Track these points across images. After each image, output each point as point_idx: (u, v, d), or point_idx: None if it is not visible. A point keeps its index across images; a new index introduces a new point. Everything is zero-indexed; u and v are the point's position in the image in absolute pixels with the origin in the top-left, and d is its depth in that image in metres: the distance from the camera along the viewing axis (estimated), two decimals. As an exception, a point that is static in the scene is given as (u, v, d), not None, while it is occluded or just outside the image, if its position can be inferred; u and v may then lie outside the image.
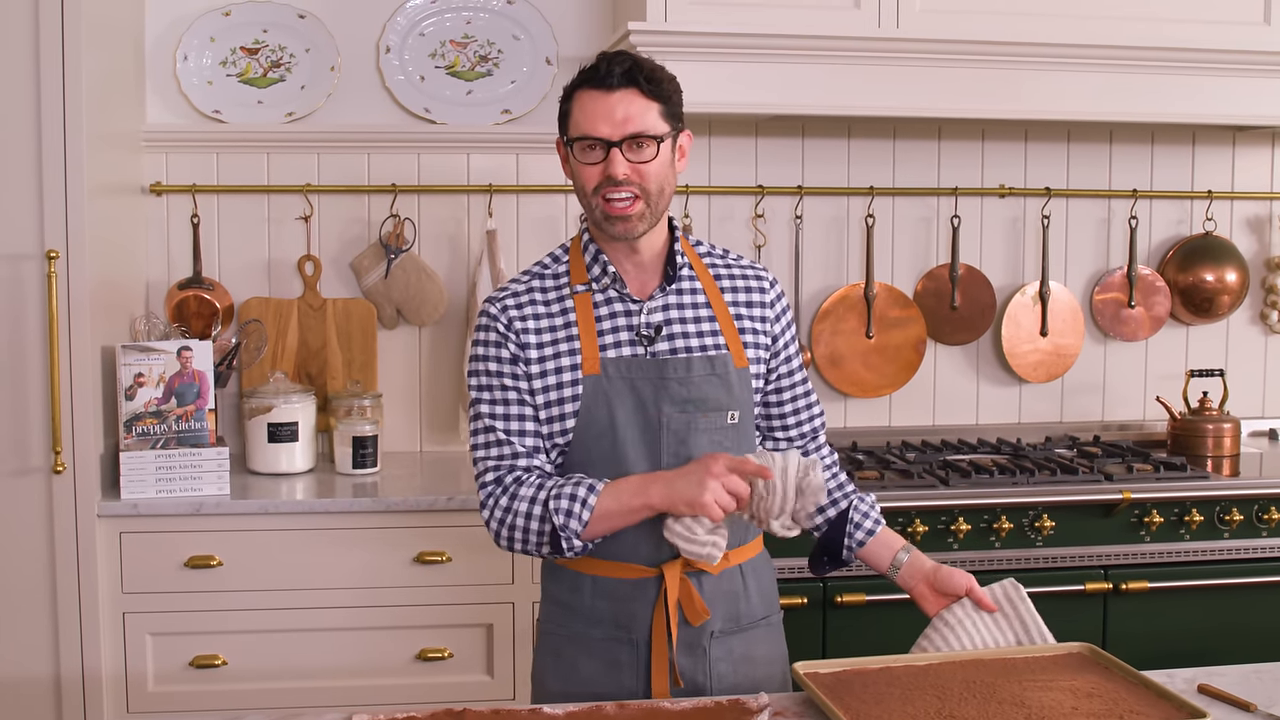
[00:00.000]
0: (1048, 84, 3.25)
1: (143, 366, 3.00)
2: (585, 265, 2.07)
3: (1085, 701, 1.79)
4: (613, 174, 1.96)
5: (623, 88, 1.96)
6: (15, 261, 2.84)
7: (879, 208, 3.71)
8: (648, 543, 2.01)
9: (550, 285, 2.07)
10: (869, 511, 2.20)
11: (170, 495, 2.97)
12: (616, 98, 1.96)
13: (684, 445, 2.02)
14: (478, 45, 3.54)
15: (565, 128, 2.03)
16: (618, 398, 2.00)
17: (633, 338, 2.04)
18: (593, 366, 2.01)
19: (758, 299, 2.14)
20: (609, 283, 2.05)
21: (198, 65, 3.44)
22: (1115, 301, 3.85)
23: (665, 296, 2.07)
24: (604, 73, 1.97)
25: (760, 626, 2.14)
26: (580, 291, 2.06)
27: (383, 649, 3.00)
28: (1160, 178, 3.86)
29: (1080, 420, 3.87)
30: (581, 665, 2.07)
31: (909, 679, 1.86)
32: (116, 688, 2.95)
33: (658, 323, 2.05)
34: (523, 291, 2.07)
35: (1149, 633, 3.16)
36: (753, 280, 2.15)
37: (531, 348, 2.03)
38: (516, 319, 2.04)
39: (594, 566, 2.04)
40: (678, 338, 2.05)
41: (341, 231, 3.54)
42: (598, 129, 1.96)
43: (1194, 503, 3.17)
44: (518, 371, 2.03)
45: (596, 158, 1.97)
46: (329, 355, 3.50)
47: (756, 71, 3.14)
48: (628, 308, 2.05)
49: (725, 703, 1.83)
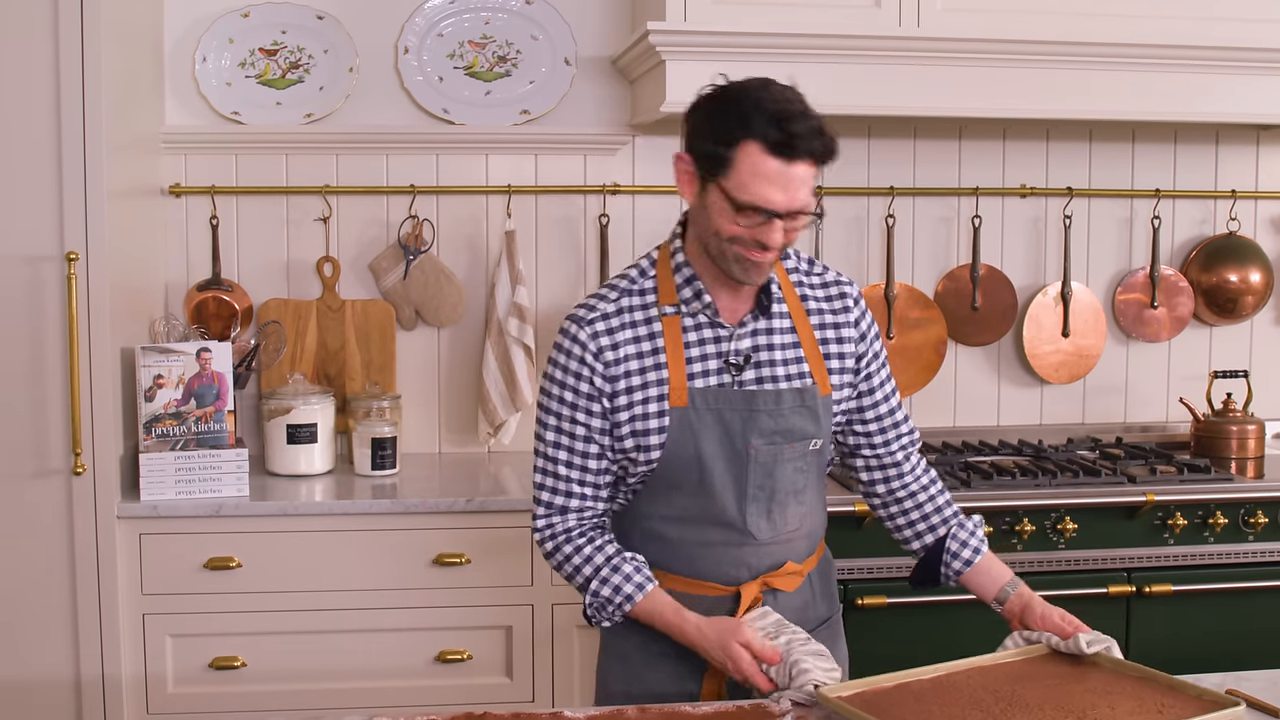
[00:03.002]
0: (1069, 83, 3.23)
1: (162, 368, 3.00)
2: (675, 286, 1.99)
3: (1111, 699, 1.79)
4: (767, 243, 1.86)
5: (803, 160, 1.82)
6: (35, 263, 2.85)
7: (899, 208, 3.69)
8: (725, 563, 2.01)
9: (638, 304, 2.00)
10: (968, 540, 2.15)
11: (189, 497, 2.97)
12: (795, 171, 1.82)
13: (770, 476, 2.00)
14: (496, 46, 3.54)
15: (718, 171, 1.84)
16: (705, 430, 1.97)
17: (720, 365, 1.99)
18: (680, 398, 1.96)
19: (843, 320, 2.08)
20: (700, 308, 1.98)
21: (216, 67, 3.44)
22: (1138, 302, 3.82)
23: (755, 323, 2.01)
24: (791, 142, 1.80)
25: (824, 628, 2.14)
26: (669, 314, 1.98)
27: (402, 651, 3.00)
28: (1183, 177, 3.83)
29: (1102, 422, 3.84)
30: (648, 675, 2.06)
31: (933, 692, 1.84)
32: (136, 689, 2.96)
33: (746, 350, 2.00)
34: (613, 313, 1.99)
35: (1173, 637, 3.13)
36: (836, 300, 2.08)
37: (620, 378, 1.97)
38: (607, 348, 1.97)
39: (669, 581, 2.03)
40: (764, 366, 2.00)
41: (360, 233, 3.53)
42: (771, 201, 1.82)
43: (1218, 505, 3.15)
44: (593, 408, 1.98)
45: (754, 221, 1.84)
46: (348, 356, 3.50)
47: (776, 71, 3.05)
48: (717, 334, 1.99)
49: (748, 707, 1.81)
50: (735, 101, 1.85)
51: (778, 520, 2.03)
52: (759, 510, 2.01)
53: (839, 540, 3.00)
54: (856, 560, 3.03)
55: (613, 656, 2.12)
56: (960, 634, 3.07)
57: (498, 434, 3.52)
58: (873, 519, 2.99)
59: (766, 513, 2.02)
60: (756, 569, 2.03)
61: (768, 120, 1.81)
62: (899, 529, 2.23)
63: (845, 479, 3.16)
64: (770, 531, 2.03)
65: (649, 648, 2.05)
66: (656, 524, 2.03)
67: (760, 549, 2.02)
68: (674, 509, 2.01)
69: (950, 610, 3.05)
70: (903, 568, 3.04)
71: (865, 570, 3.03)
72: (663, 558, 2.04)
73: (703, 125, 1.88)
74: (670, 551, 2.03)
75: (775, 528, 2.03)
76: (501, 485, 3.24)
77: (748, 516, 2.00)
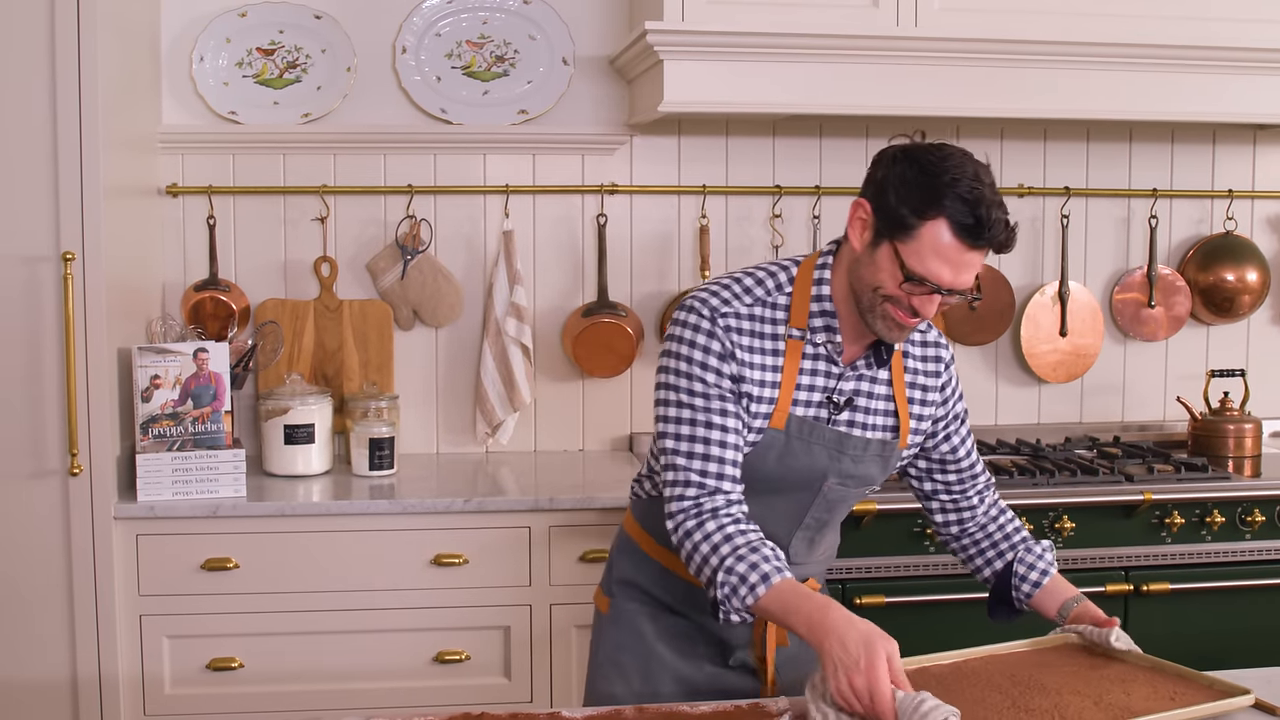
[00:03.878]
0: (1066, 83, 3.23)
1: (159, 368, 2.99)
2: (809, 313, 1.97)
3: (1127, 686, 1.85)
4: (923, 313, 1.88)
5: (985, 248, 1.84)
6: (31, 263, 2.84)
7: (897, 207, 3.69)
8: None
9: (768, 316, 1.97)
10: (1035, 563, 2.16)
11: (186, 497, 2.97)
12: (973, 256, 1.84)
13: (829, 512, 2.06)
14: (494, 45, 3.53)
15: (898, 234, 1.84)
16: (791, 457, 1.98)
17: (823, 400, 1.99)
18: (780, 420, 1.97)
19: (934, 383, 2.10)
20: (824, 339, 1.97)
21: (214, 66, 3.43)
22: (1135, 301, 3.82)
23: (864, 369, 2.02)
24: (979, 231, 1.81)
25: None
26: (795, 337, 1.97)
27: (400, 651, 3.00)
28: (1180, 177, 3.83)
29: (1100, 421, 3.84)
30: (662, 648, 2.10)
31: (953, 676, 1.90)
32: (133, 690, 2.95)
33: (850, 393, 2.01)
34: (744, 315, 1.96)
35: (1171, 635, 3.13)
36: (933, 362, 2.10)
37: (744, 381, 1.95)
38: (740, 344, 1.95)
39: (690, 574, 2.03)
40: (859, 411, 2.02)
41: (358, 233, 3.53)
42: (943, 279, 1.83)
43: (1215, 504, 3.15)
44: (724, 369, 1.93)
45: (918, 291, 1.85)
46: (345, 357, 3.49)
47: (774, 71, 3.12)
48: (829, 370, 1.99)
49: (745, 706, 1.82)
50: (935, 174, 1.83)
51: (816, 547, 2.11)
52: (804, 538, 2.08)
53: (837, 540, 3.02)
54: (855, 560, 3.02)
55: (624, 630, 2.14)
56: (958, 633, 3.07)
57: (496, 434, 3.51)
58: (872, 518, 2.99)
59: (810, 541, 2.09)
60: None
61: (964, 203, 1.80)
62: (970, 559, 2.25)
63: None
64: (807, 556, 2.10)
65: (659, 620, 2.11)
66: None
67: (792, 568, 2.02)
68: None
69: (948, 609, 3.05)
70: (902, 567, 3.05)
71: (864, 570, 3.03)
72: None
73: (896, 185, 1.85)
74: None
75: (813, 553, 2.11)
76: (499, 485, 3.24)
77: (793, 541, 2.06)
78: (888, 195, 1.85)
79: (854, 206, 1.91)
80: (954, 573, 3.06)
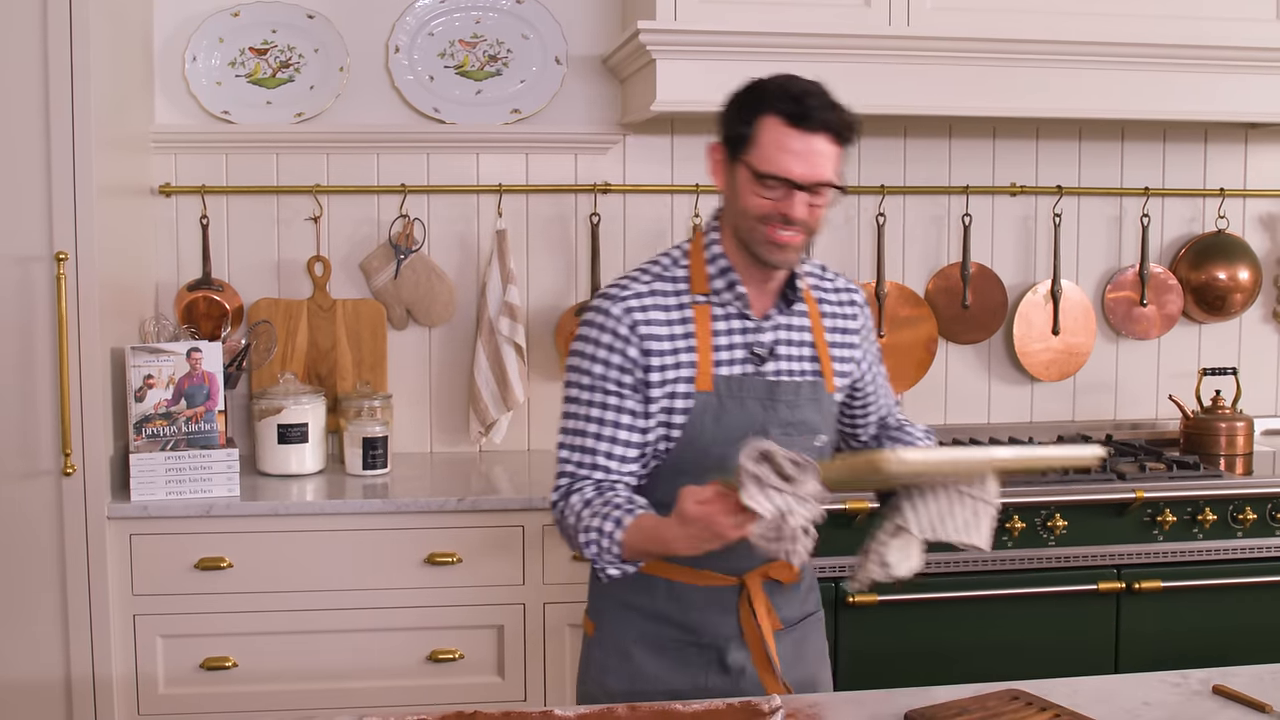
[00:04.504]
0: (1059, 81, 3.23)
1: (152, 368, 2.99)
2: (708, 275, 2.03)
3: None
4: (791, 215, 1.92)
5: (821, 132, 1.90)
6: (24, 263, 2.84)
7: (890, 206, 3.70)
8: (730, 554, 1.99)
9: (670, 289, 2.02)
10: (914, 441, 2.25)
11: (180, 497, 2.97)
12: (814, 141, 1.90)
13: None
14: (487, 45, 3.54)
15: (742, 149, 1.93)
16: (727, 416, 1.99)
17: (745, 355, 2.03)
18: (706, 383, 1.99)
19: (852, 325, 2.16)
20: (731, 298, 2.02)
21: (206, 66, 3.43)
22: (1127, 300, 3.83)
23: (779, 318, 2.06)
24: (807, 113, 1.89)
25: (811, 620, 2.19)
26: (701, 302, 2.02)
27: (393, 651, 3.00)
28: (1172, 175, 3.84)
29: (1092, 419, 3.85)
30: (652, 666, 2.08)
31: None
32: (127, 690, 2.95)
33: (770, 343, 2.05)
34: (645, 293, 2.01)
35: (1162, 633, 3.14)
36: (847, 306, 2.16)
37: (654, 354, 1.98)
38: (641, 322, 1.98)
39: (670, 571, 2.05)
40: (783, 360, 2.05)
41: (351, 232, 3.53)
42: (790, 170, 1.90)
43: (1207, 502, 3.16)
44: (624, 380, 1.98)
45: (777, 195, 1.91)
46: (339, 356, 3.49)
47: (766, 70, 3.10)
48: (745, 325, 2.03)
49: (737, 705, 1.82)
50: (758, 86, 1.95)
51: None
52: None
53: (830, 538, 3.01)
54: (847, 559, 3.03)
55: (609, 653, 2.12)
56: (950, 630, 3.09)
57: (489, 433, 3.52)
58: (865, 517, 3.00)
59: None
60: (756, 559, 2.04)
61: (785, 96, 1.90)
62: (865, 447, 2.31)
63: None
64: None
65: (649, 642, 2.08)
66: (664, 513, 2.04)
67: None
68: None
69: (941, 607, 3.06)
70: (893, 565, 3.05)
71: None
72: None
73: (729, 111, 1.98)
74: None
75: None
76: (493, 485, 3.24)
77: None
78: (726, 124, 1.97)
79: (708, 153, 2.02)
80: (949, 570, 3.07)
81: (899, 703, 1.86)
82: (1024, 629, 3.11)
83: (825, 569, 3.01)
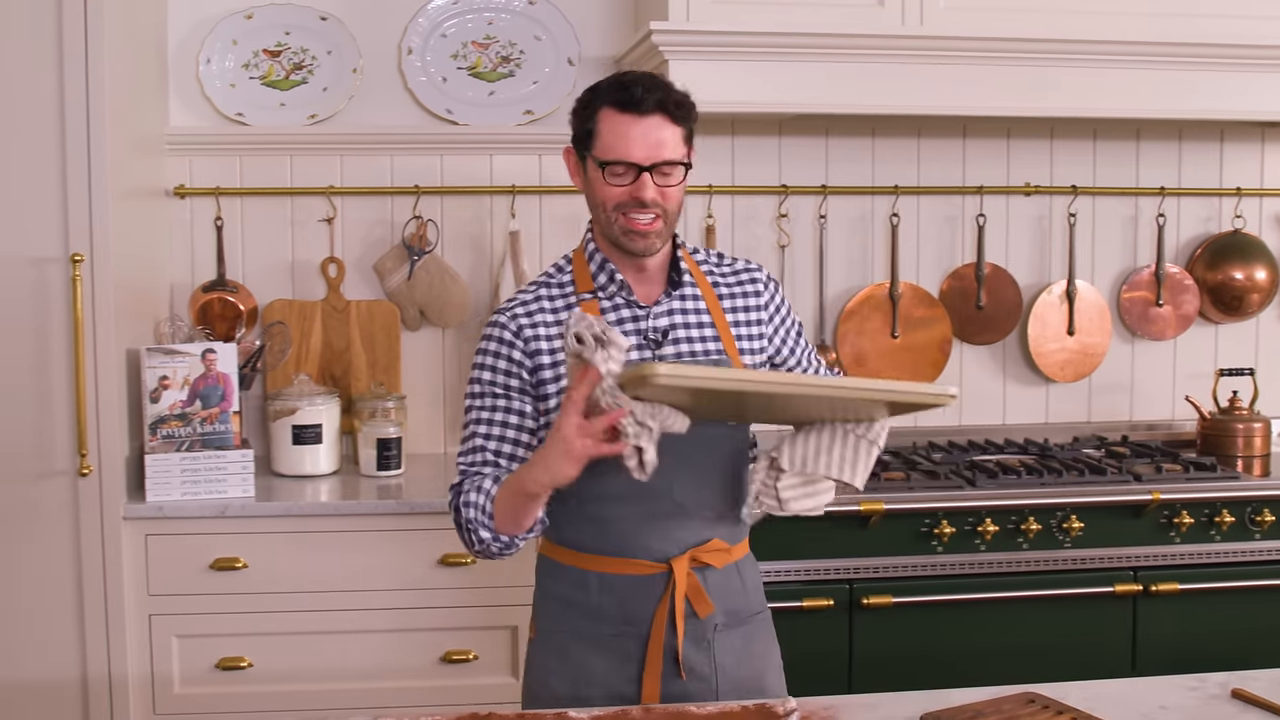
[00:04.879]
0: (1074, 81, 3.22)
1: (167, 369, 3.00)
2: (591, 274, 2.09)
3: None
4: (641, 198, 1.99)
5: (653, 113, 1.98)
6: (40, 265, 2.85)
7: (904, 207, 3.69)
8: (654, 538, 2.03)
9: (557, 294, 2.10)
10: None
11: (195, 498, 2.97)
12: (648, 123, 1.98)
13: (698, 448, 2.02)
14: (499, 46, 3.54)
15: (588, 144, 2.03)
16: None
17: (640, 343, 2.06)
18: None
19: (754, 303, 2.18)
20: (615, 290, 2.08)
21: (220, 68, 3.44)
22: (1143, 300, 3.81)
23: (670, 302, 2.10)
24: (637, 97, 1.98)
25: (757, 620, 2.17)
26: (587, 299, 2.08)
27: (407, 651, 3.00)
28: (1188, 175, 3.82)
29: (1108, 420, 3.83)
30: (593, 663, 2.07)
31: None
32: (143, 690, 2.96)
33: (664, 327, 2.08)
34: (530, 300, 2.09)
35: (1180, 635, 3.13)
36: (748, 285, 2.19)
37: (544, 353, 2.04)
38: (526, 326, 2.05)
39: (599, 563, 2.06)
40: (682, 342, 2.08)
41: (365, 233, 3.53)
42: (630, 153, 1.97)
43: (1224, 503, 3.14)
44: (510, 384, 2.05)
45: (625, 180, 1.99)
46: (353, 357, 3.50)
47: (779, 70, 3.12)
48: (635, 314, 2.08)
49: (751, 707, 1.81)
50: (593, 86, 2.06)
51: (707, 493, 2.06)
52: (686, 479, 2.03)
53: (843, 540, 3.02)
54: (863, 560, 3.02)
55: (549, 653, 2.11)
56: (966, 632, 3.08)
57: (503, 434, 3.51)
58: (880, 518, 2.99)
59: (696, 486, 2.05)
60: (685, 543, 2.04)
61: (616, 86, 2.01)
62: None
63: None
64: (699, 503, 2.05)
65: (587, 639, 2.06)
66: (589, 506, 2.05)
67: (689, 522, 2.04)
68: (604, 486, 2.02)
69: (956, 609, 3.05)
70: (909, 567, 3.05)
71: (870, 570, 3.03)
72: (596, 540, 2.06)
73: (573, 115, 2.08)
74: (603, 531, 2.05)
75: (703, 500, 2.06)
76: (506, 485, 3.24)
77: (675, 485, 2.02)
78: (572, 128, 2.08)
79: (564, 159, 2.12)
80: (963, 572, 3.06)
81: (915, 706, 1.86)
82: (1039, 631, 3.09)
83: (836, 571, 3.01)
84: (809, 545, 3.01)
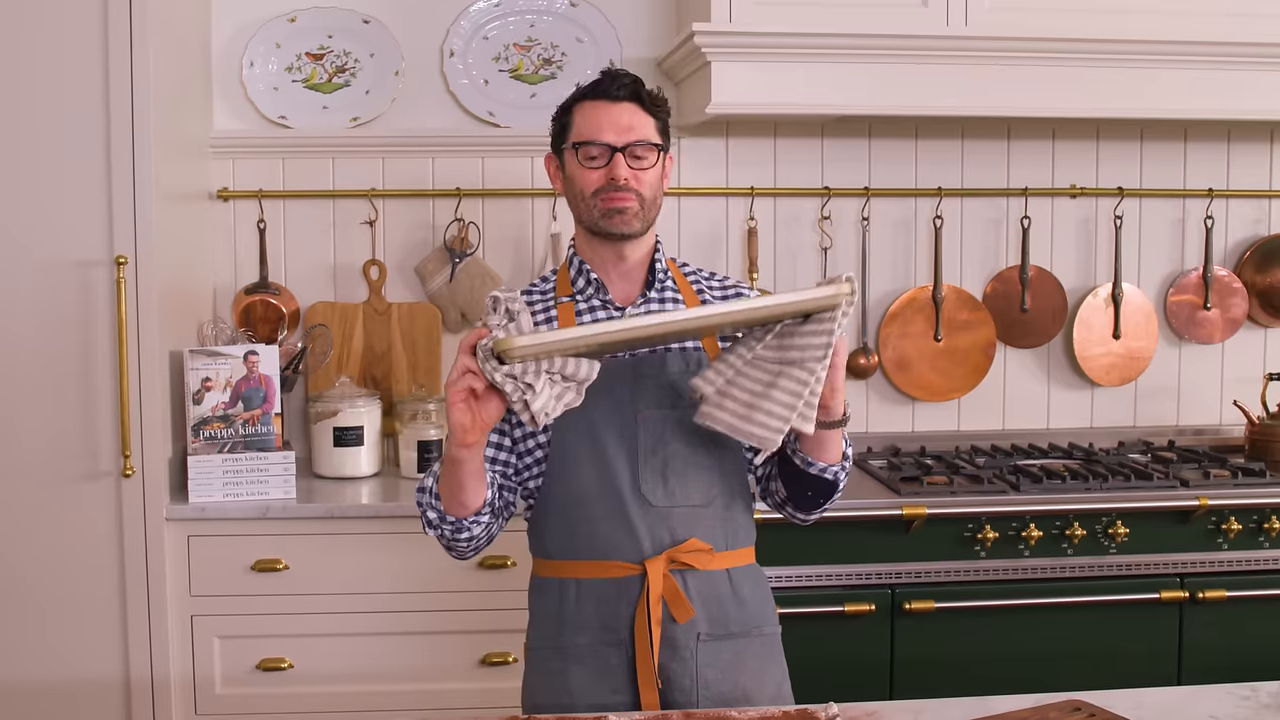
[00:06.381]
0: (1120, 81, 3.19)
1: (210, 371, 3.02)
2: (570, 279, 2.12)
3: None
4: (615, 177, 2.02)
5: (626, 101, 2.05)
6: (85, 267, 2.88)
7: (947, 209, 3.66)
8: (626, 537, 2.00)
9: (539, 299, 2.13)
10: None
11: (237, 499, 2.99)
12: (621, 108, 2.05)
13: (661, 440, 2.02)
14: (541, 48, 3.54)
15: (563, 138, 2.09)
16: (593, 401, 1.94)
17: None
18: None
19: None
20: (592, 292, 2.09)
21: (264, 71, 3.46)
22: (1190, 303, 3.77)
23: (648, 304, 2.10)
24: (608, 86, 2.06)
25: (753, 636, 2.08)
26: (565, 302, 2.10)
27: (447, 653, 3.00)
28: (1237, 176, 3.77)
29: (1154, 425, 3.79)
30: (572, 676, 2.04)
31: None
32: (184, 690, 2.98)
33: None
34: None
35: (1227, 643, 3.08)
36: (731, 294, 2.17)
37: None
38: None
39: (576, 569, 2.04)
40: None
41: (406, 236, 3.54)
42: (602, 135, 2.03)
43: (1274, 509, 3.10)
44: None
45: (599, 164, 2.04)
46: (394, 359, 3.51)
47: (822, 71, 3.11)
48: (610, 314, 2.08)
49: (793, 712, 1.80)
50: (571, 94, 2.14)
51: (676, 488, 2.02)
52: (654, 476, 2.01)
53: (885, 545, 3.00)
54: (905, 565, 3.00)
55: (535, 671, 2.10)
56: (1009, 638, 3.05)
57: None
58: (922, 523, 2.97)
59: (663, 479, 2.02)
60: (660, 541, 2.00)
61: (589, 83, 2.11)
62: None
63: (892, 483, 3.14)
64: (667, 498, 2.02)
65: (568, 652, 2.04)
66: (563, 508, 2.05)
67: (660, 518, 2.01)
68: (574, 487, 2.02)
69: (999, 614, 3.02)
70: (952, 571, 3.02)
71: (913, 575, 3.01)
72: (571, 543, 2.04)
73: (553, 121, 2.15)
74: (575, 533, 2.04)
75: (673, 495, 2.02)
76: (546, 488, 3.24)
77: (642, 481, 2.01)
78: (551, 132, 2.15)
79: (545, 165, 2.18)
80: (1005, 578, 3.03)
81: (957, 712, 1.83)
82: (1084, 638, 3.06)
83: (878, 575, 2.99)
84: (850, 550, 2.99)
